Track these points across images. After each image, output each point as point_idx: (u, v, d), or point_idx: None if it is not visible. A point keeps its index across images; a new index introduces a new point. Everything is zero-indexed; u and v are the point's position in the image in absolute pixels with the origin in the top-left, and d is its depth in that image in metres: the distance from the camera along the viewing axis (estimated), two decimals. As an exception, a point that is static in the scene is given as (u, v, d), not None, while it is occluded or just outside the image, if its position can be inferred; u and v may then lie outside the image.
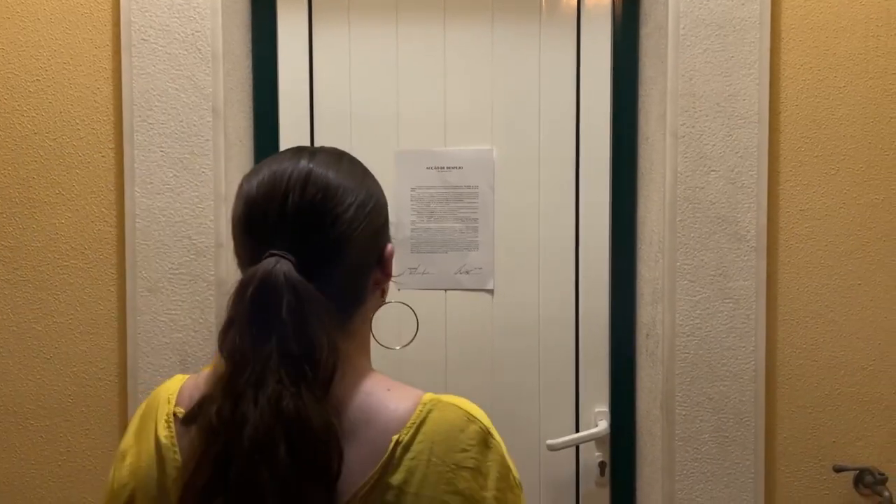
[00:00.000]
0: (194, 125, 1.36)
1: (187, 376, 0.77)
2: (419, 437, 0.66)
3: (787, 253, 1.40)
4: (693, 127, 1.37)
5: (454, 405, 0.69)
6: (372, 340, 0.78)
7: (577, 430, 1.56)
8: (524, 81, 1.54)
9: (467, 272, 1.56)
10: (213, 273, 1.37)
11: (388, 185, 1.52)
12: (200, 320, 1.37)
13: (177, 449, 0.69)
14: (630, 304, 1.54)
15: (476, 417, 0.69)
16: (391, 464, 0.65)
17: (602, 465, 1.55)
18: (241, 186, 0.72)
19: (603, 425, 1.54)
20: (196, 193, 1.37)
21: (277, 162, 0.71)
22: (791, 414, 1.41)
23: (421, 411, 0.68)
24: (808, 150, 1.39)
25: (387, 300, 0.79)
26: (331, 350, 0.64)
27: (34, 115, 1.39)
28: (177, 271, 1.37)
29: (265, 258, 0.66)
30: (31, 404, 1.41)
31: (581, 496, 1.57)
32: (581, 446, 1.56)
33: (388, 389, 0.70)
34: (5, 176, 1.39)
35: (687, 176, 1.37)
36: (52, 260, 1.40)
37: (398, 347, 0.83)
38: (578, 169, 1.54)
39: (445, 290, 1.56)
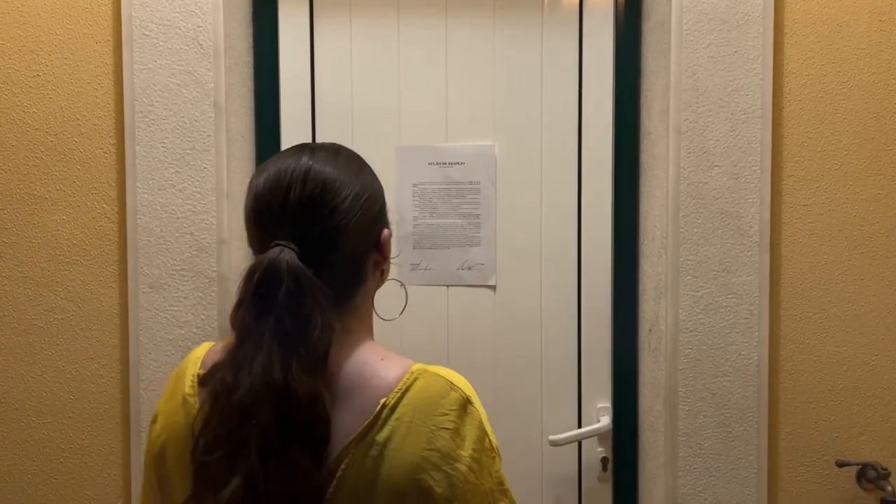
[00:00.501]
0: (196, 121, 1.36)
1: (213, 343, 0.86)
2: (404, 401, 0.73)
3: (790, 248, 1.40)
4: (696, 122, 1.36)
5: (438, 374, 0.77)
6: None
7: (580, 426, 1.56)
8: (526, 76, 1.54)
9: (469, 268, 1.55)
10: (215, 269, 1.37)
11: (389, 181, 1.53)
12: (203, 316, 1.37)
13: (197, 405, 0.78)
14: (632, 300, 1.53)
15: (457, 386, 0.76)
16: (377, 423, 0.72)
17: (604, 460, 1.55)
18: (250, 182, 0.80)
19: (605, 421, 1.54)
20: (198, 189, 1.37)
21: (282, 159, 0.79)
22: (794, 409, 1.41)
23: (408, 379, 0.75)
24: (811, 145, 1.39)
25: (386, 279, 0.87)
26: (324, 329, 0.72)
27: (35, 110, 1.38)
28: (179, 268, 1.37)
29: (272, 247, 0.74)
30: (33, 401, 1.41)
31: (583, 492, 1.57)
32: (583, 442, 1.56)
33: (382, 359, 0.78)
34: (6, 172, 1.39)
35: (690, 171, 1.37)
36: (53, 256, 1.39)
37: (398, 316, 0.94)
38: (580, 164, 1.54)
39: (447, 286, 1.56)
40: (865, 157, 1.39)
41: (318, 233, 0.75)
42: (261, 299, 0.71)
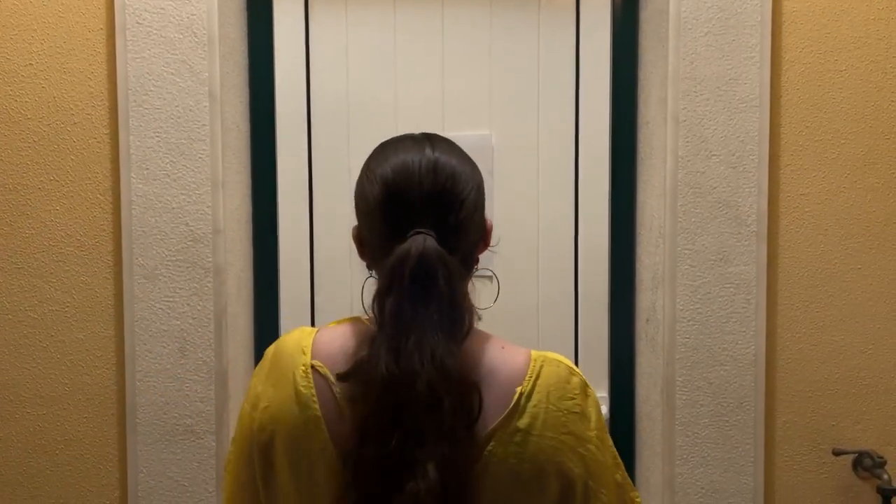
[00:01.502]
0: (191, 110, 1.35)
1: (315, 330, 0.84)
2: (537, 388, 0.78)
3: (788, 237, 1.40)
4: (694, 111, 1.36)
5: (558, 360, 0.82)
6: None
7: (577, 416, 1.56)
8: (523, 66, 1.53)
9: (466, 258, 1.55)
10: (210, 260, 1.36)
11: (386, 171, 1.51)
12: (198, 307, 1.36)
13: (316, 399, 0.77)
14: (630, 290, 1.53)
15: (576, 371, 0.82)
16: (517, 410, 0.77)
17: (601, 450, 1.55)
18: (372, 171, 0.81)
19: (602, 410, 1.54)
20: (193, 179, 1.35)
21: (402, 150, 0.81)
22: (790, 398, 1.41)
23: (534, 366, 0.79)
24: (808, 134, 1.39)
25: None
26: (469, 312, 0.77)
27: (27, 100, 1.37)
28: (174, 258, 1.36)
29: (412, 235, 0.75)
30: (28, 393, 1.40)
31: (580, 481, 1.57)
32: (580, 432, 1.56)
33: (502, 347, 0.82)
34: (-2, 162, 1.38)
35: (688, 160, 1.36)
36: (47, 247, 1.38)
37: (493, 303, 0.95)
38: (577, 154, 1.54)
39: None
40: (863, 147, 1.39)
41: (450, 223, 0.78)
42: (417, 287, 0.73)
